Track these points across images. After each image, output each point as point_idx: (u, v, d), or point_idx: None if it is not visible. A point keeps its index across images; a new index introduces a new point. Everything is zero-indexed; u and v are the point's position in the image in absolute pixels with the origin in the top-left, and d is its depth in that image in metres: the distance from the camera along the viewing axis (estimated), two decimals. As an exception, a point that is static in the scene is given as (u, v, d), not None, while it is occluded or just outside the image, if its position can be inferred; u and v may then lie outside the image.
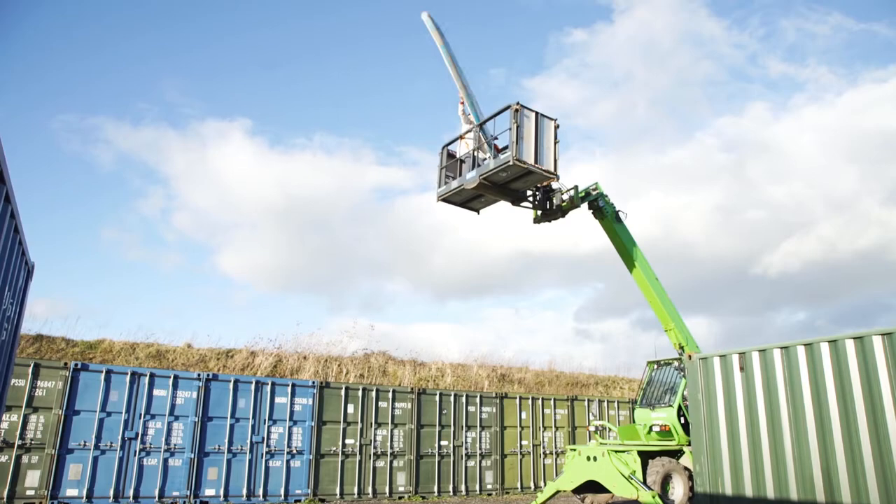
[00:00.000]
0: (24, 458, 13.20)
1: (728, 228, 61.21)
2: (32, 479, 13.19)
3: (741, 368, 9.25)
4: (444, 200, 13.92)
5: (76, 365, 14.17)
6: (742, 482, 8.86)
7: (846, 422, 7.86)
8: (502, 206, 14.19)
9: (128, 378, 14.43)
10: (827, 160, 62.09)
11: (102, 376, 14.22)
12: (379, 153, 70.44)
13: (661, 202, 62.12)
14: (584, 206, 14.45)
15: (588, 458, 13.91)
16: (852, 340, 8.00)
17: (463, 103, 13.93)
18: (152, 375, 14.78)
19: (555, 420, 20.59)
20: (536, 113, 12.54)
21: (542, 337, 55.65)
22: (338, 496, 16.17)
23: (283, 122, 67.47)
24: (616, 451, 13.60)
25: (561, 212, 14.33)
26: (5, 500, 12.83)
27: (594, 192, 14.44)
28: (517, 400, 20.08)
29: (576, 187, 14.23)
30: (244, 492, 14.88)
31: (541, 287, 64.00)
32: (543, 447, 20.08)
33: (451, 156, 13.92)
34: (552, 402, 20.87)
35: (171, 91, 59.88)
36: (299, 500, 15.57)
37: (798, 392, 8.43)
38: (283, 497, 15.38)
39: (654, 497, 12.51)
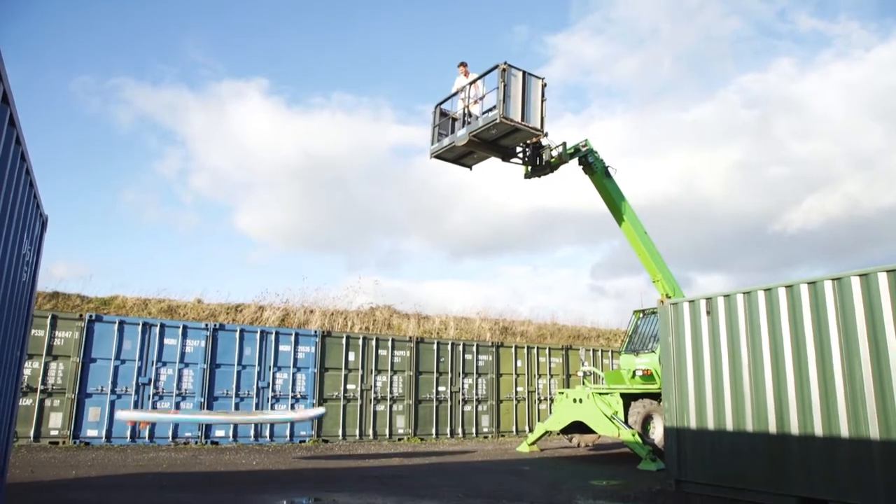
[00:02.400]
0: (47, 402, 14.22)
1: (749, 185, 61.03)
2: (55, 420, 14.23)
3: (707, 312, 9.88)
4: (437, 157, 14.42)
5: (91, 316, 15.06)
6: (705, 416, 9.59)
7: (798, 360, 8.51)
8: (501, 164, 14.64)
9: (140, 328, 15.33)
10: (853, 117, 61.28)
11: (116, 327, 15.12)
12: (399, 112, 70.30)
13: (682, 159, 62.00)
14: (575, 161, 14.88)
15: (574, 401, 14.73)
16: (806, 285, 8.58)
17: (464, 65, 14.18)
18: (163, 326, 15.68)
19: (550, 368, 21.48)
20: (524, 72, 12.91)
21: (557, 294, 56.31)
22: (340, 438, 17.18)
23: (299, 81, 67.31)
24: (600, 394, 14.40)
25: (550, 167, 14.77)
26: (32, 438, 13.89)
27: (584, 149, 14.81)
28: (513, 349, 20.94)
29: (564, 144, 14.66)
30: (252, 433, 15.87)
31: (558, 244, 64.49)
32: (538, 393, 21.00)
33: (443, 114, 14.37)
34: (547, 351, 21.72)
35: (189, 50, 59.89)
36: (304, 442, 16.58)
37: (757, 333, 9.07)
38: (288, 438, 16.39)
39: (633, 436, 13.33)
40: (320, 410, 14.03)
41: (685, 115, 67.17)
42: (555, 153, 14.63)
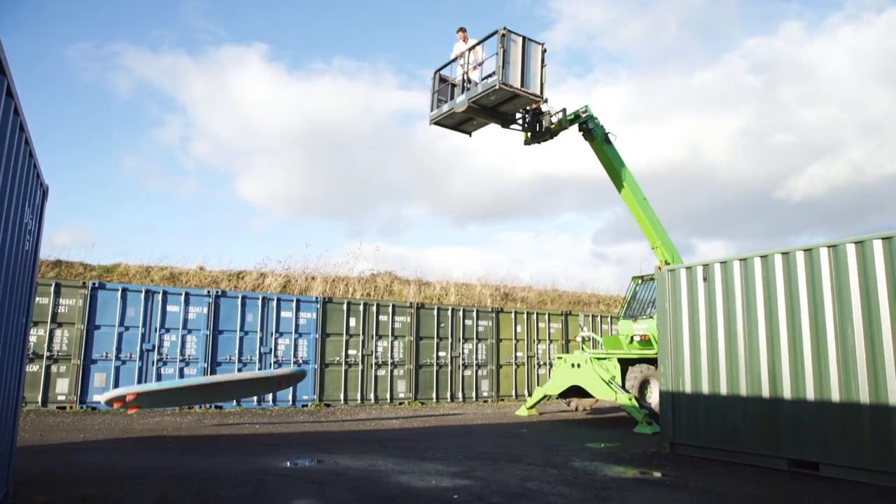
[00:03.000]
0: (53, 368, 14.46)
1: (754, 152, 60.69)
2: (62, 386, 14.48)
3: (704, 279, 9.97)
4: (437, 123, 14.37)
5: (94, 284, 15.20)
6: (700, 381, 9.75)
7: (792, 326, 8.62)
8: (501, 130, 14.58)
9: (142, 296, 15.48)
10: (861, 82, 60.52)
11: (119, 294, 15.27)
12: (400, 77, 69.57)
13: (686, 125, 61.55)
14: (575, 128, 14.82)
15: (573, 366, 14.93)
16: (802, 252, 8.66)
17: (463, 30, 14.06)
18: (165, 293, 15.83)
19: (549, 333, 21.70)
20: (523, 37, 12.79)
21: (559, 260, 56.46)
22: (342, 402, 17.48)
23: (300, 46, 66.54)
24: (598, 359, 14.58)
25: (550, 134, 14.73)
26: (40, 404, 14.16)
27: (584, 115, 14.73)
28: (513, 314, 21.13)
29: (564, 110, 14.59)
30: (255, 398, 16.13)
31: (560, 210, 64.50)
32: (538, 358, 21.27)
33: (443, 80, 14.28)
34: (547, 316, 21.92)
35: (187, 15, 59.08)
36: (306, 406, 16.87)
37: (752, 299, 9.17)
38: (291, 402, 16.68)
39: (630, 400, 13.54)
40: (299, 369, 13.90)
41: (690, 80, 66.53)
42: (554, 119, 14.58)
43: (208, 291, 16.41)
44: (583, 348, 16.39)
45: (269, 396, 16.40)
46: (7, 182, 4.32)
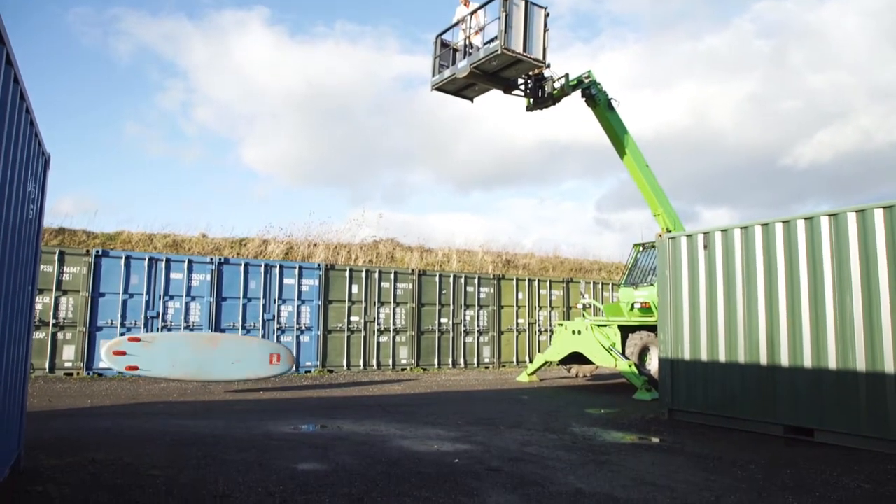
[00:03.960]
0: (60, 335, 14.62)
1: (761, 118, 60.07)
2: (68, 353, 14.66)
3: (705, 247, 9.99)
4: (438, 89, 14.28)
5: (98, 252, 15.28)
6: (699, 348, 9.83)
7: (791, 294, 8.66)
8: (504, 96, 14.46)
9: (146, 263, 15.56)
10: (872, 46, 59.52)
11: (122, 262, 15.36)
12: (403, 41, 68.74)
13: (693, 91, 60.85)
14: (577, 93, 14.70)
15: (573, 332, 15.05)
16: (803, 221, 8.65)
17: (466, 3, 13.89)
18: (168, 260, 15.92)
19: (550, 300, 21.82)
20: (526, 1, 12.64)
21: (562, 227, 56.45)
22: (345, 367, 17.69)
23: (301, 9, 65.58)
24: (599, 326, 14.70)
25: (553, 100, 14.63)
26: (47, 370, 14.36)
27: (586, 80, 14.61)
28: (514, 281, 21.22)
29: (566, 75, 14.46)
30: (259, 363, 16.30)
31: (564, 177, 64.29)
32: (539, 325, 21.42)
33: (444, 45, 14.13)
34: (548, 283, 22.02)
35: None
36: (309, 372, 17.08)
37: (752, 267, 9.20)
38: (294, 369, 16.84)
39: (630, 366, 13.68)
40: (289, 359, 13.87)
41: (698, 44, 65.59)
42: (557, 85, 14.47)
43: (211, 259, 16.49)
44: (584, 315, 16.50)
45: (273, 362, 16.56)
46: (9, 151, 4.33)
